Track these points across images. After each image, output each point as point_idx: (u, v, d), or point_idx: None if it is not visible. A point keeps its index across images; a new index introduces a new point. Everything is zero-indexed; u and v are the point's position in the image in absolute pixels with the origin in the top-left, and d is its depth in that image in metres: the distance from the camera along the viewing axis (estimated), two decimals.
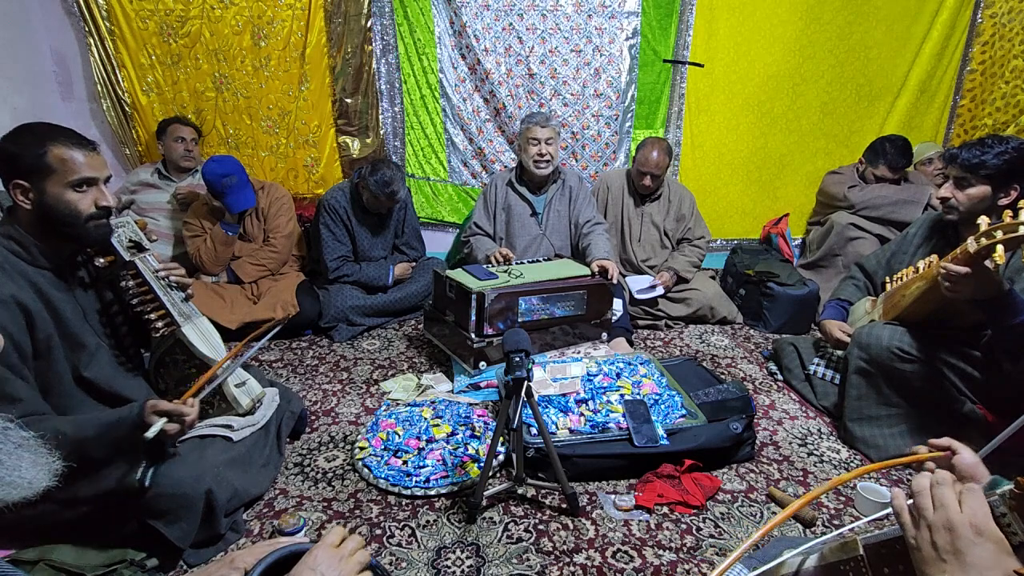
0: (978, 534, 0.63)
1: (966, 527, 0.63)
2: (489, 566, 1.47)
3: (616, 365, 2.21)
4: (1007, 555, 0.62)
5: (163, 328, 1.55)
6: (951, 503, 0.66)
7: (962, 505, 0.66)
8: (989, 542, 0.62)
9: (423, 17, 3.24)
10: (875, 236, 3.02)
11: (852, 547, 0.78)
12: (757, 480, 1.82)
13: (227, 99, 3.26)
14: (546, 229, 2.91)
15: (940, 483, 0.68)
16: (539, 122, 2.72)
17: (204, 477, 1.43)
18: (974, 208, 1.78)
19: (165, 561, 1.42)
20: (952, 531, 0.64)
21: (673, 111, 3.51)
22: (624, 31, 3.34)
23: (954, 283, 1.61)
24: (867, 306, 2.15)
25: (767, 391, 2.37)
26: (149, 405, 1.29)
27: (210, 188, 2.68)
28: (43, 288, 1.34)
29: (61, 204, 1.32)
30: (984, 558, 0.62)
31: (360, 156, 3.44)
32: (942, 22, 3.37)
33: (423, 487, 1.71)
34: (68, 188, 1.32)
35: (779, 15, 3.32)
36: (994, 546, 0.62)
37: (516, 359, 1.46)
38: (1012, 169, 1.73)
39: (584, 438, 1.80)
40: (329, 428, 2.07)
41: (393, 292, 2.98)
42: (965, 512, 0.65)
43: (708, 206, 3.48)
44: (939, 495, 0.67)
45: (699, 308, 2.98)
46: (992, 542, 0.62)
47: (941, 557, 0.64)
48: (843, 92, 3.51)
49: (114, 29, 3.04)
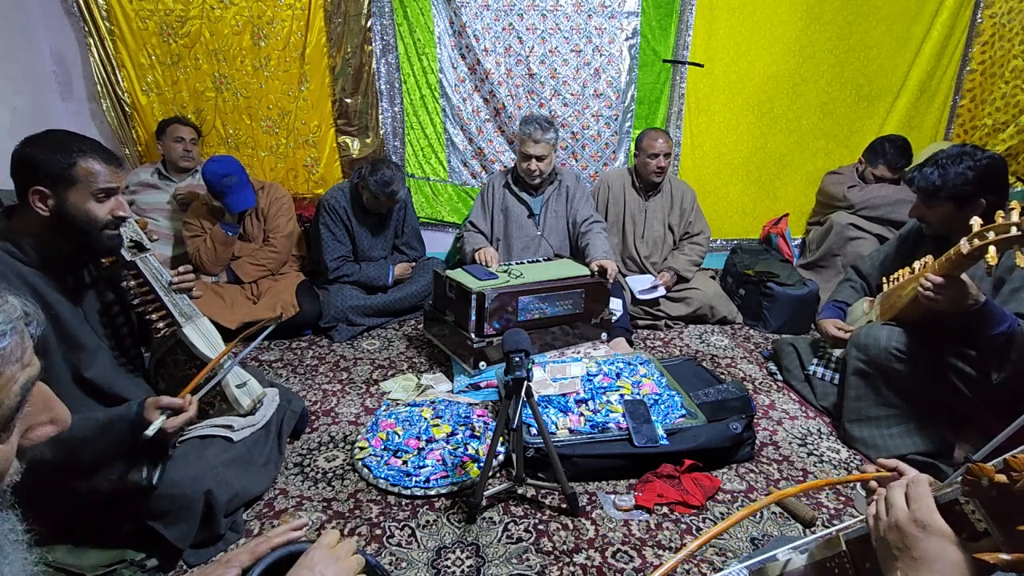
0: (921, 528, 0.65)
1: (910, 524, 0.66)
2: (489, 566, 1.47)
3: (616, 365, 2.21)
4: (953, 545, 0.64)
5: (164, 328, 1.55)
6: (898, 502, 0.69)
7: (908, 502, 0.69)
8: (933, 535, 0.64)
9: (423, 17, 3.24)
10: (874, 236, 3.02)
11: (836, 544, 0.81)
12: (757, 480, 1.82)
13: (227, 99, 3.25)
14: (544, 230, 2.91)
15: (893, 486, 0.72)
16: (533, 135, 2.69)
17: (203, 478, 1.44)
18: (945, 223, 1.82)
19: (165, 561, 1.43)
20: (900, 529, 0.67)
21: (673, 111, 3.51)
22: (624, 31, 3.34)
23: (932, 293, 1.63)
24: (864, 307, 2.15)
25: (767, 391, 2.37)
26: (150, 402, 1.30)
27: (210, 188, 2.68)
28: (40, 289, 1.34)
29: (80, 213, 1.33)
30: (929, 551, 0.64)
31: (360, 156, 3.43)
32: (942, 22, 3.37)
33: (423, 487, 1.71)
34: (90, 198, 1.33)
35: (779, 15, 3.32)
36: (939, 538, 0.64)
37: (516, 359, 1.46)
38: (973, 186, 1.74)
39: (584, 438, 1.80)
40: (329, 428, 2.07)
41: (393, 292, 2.98)
42: (911, 508, 0.67)
43: (708, 206, 3.47)
44: (890, 496, 0.71)
45: (699, 307, 2.98)
46: (936, 535, 0.64)
47: (893, 554, 0.68)
48: (843, 92, 3.51)
49: (114, 29, 3.04)
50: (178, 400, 1.32)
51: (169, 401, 1.31)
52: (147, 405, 1.30)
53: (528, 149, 2.72)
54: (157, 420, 1.28)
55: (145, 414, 1.29)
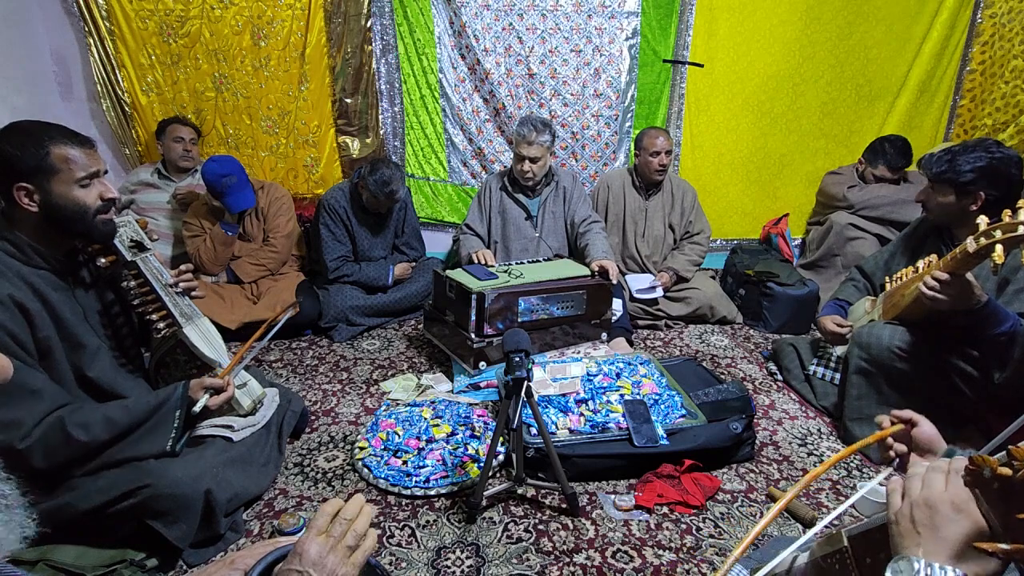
0: (957, 511, 0.65)
1: (946, 504, 0.66)
2: (489, 566, 1.47)
3: (616, 365, 2.21)
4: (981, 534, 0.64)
5: (164, 328, 1.55)
6: (937, 484, 0.69)
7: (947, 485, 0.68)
8: (966, 520, 0.65)
9: (423, 17, 3.24)
10: (874, 236, 3.02)
11: (837, 540, 0.81)
12: (757, 480, 1.82)
13: (227, 99, 3.25)
14: (542, 232, 2.91)
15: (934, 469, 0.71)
16: (527, 137, 2.68)
17: (203, 478, 1.44)
18: (945, 212, 1.87)
19: (165, 561, 1.43)
20: (932, 507, 0.67)
21: (673, 111, 3.51)
22: (624, 31, 3.34)
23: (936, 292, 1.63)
24: (867, 306, 2.15)
25: (767, 391, 2.37)
26: (195, 383, 1.48)
27: (210, 188, 2.68)
28: (40, 288, 1.34)
29: (69, 202, 1.33)
30: (958, 534, 0.64)
31: (360, 156, 3.43)
32: (942, 22, 3.37)
33: (423, 487, 1.71)
34: (74, 185, 1.32)
35: (779, 15, 3.32)
36: (970, 524, 0.64)
37: (516, 359, 1.46)
38: (975, 175, 1.77)
39: (584, 438, 1.80)
40: (329, 428, 2.07)
41: (393, 292, 2.97)
42: (948, 491, 0.68)
43: (708, 206, 3.47)
44: (929, 479, 0.70)
45: (699, 307, 2.98)
46: (969, 521, 0.65)
47: (916, 530, 0.67)
48: (843, 92, 3.51)
49: (114, 29, 3.04)
50: (219, 380, 1.50)
51: (212, 382, 1.49)
52: (192, 386, 1.47)
53: (522, 151, 2.72)
54: (202, 398, 1.46)
55: (191, 393, 1.46)
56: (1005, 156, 1.77)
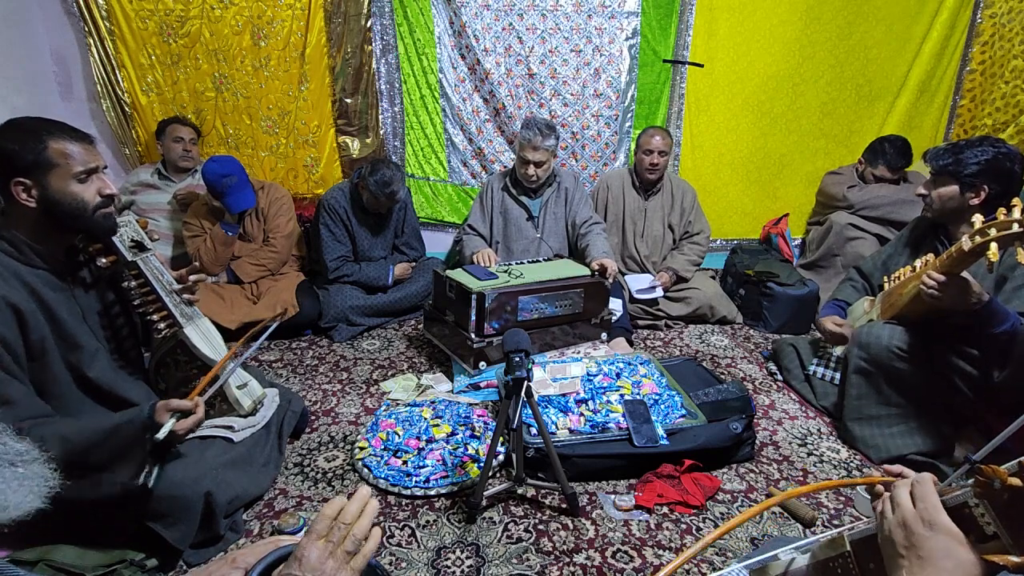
0: (928, 527, 0.65)
1: (917, 522, 0.66)
2: (489, 566, 1.47)
3: (616, 365, 2.21)
4: (961, 545, 0.63)
5: (165, 329, 1.55)
6: (904, 501, 0.68)
7: (914, 501, 0.68)
8: (940, 534, 0.64)
9: (423, 17, 3.24)
10: (874, 236, 3.02)
11: (840, 544, 0.80)
12: (757, 480, 1.82)
13: (227, 99, 3.25)
14: (543, 232, 2.91)
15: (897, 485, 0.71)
16: (533, 142, 2.68)
17: (203, 479, 1.43)
18: (946, 205, 1.88)
19: (165, 561, 1.43)
20: (906, 527, 0.66)
21: (673, 111, 3.51)
22: (624, 31, 3.34)
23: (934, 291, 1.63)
24: (865, 306, 2.15)
25: (767, 391, 2.37)
26: (160, 405, 1.31)
27: (210, 188, 2.68)
28: (37, 288, 1.33)
29: (67, 197, 1.31)
30: (936, 549, 0.63)
31: (360, 156, 3.43)
32: (942, 22, 3.37)
33: (423, 487, 1.71)
34: (72, 180, 1.31)
35: (779, 15, 3.32)
36: (946, 537, 0.63)
37: (516, 359, 1.46)
38: (979, 168, 1.79)
39: (584, 438, 1.80)
40: (329, 428, 2.07)
41: (393, 292, 2.98)
42: (917, 507, 0.67)
43: (708, 206, 3.47)
44: (895, 495, 0.70)
45: (699, 307, 2.98)
46: (943, 534, 0.64)
47: (899, 552, 0.66)
48: (843, 92, 3.51)
49: (114, 29, 3.04)
50: (188, 403, 1.33)
51: (179, 404, 1.31)
52: (158, 408, 1.30)
53: (528, 155, 2.72)
54: (168, 422, 1.29)
55: (156, 416, 1.29)
56: (1010, 152, 1.79)
